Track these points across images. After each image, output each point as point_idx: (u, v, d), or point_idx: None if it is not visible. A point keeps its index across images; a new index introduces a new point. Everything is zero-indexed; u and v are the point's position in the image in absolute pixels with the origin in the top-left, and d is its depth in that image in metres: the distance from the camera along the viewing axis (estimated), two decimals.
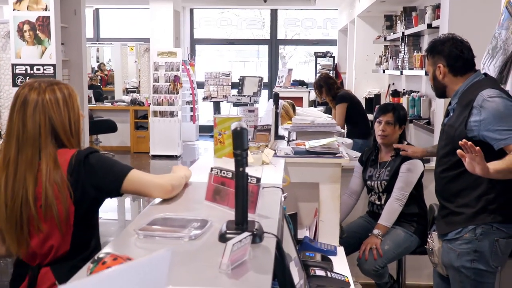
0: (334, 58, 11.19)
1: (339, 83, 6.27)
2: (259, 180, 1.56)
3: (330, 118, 3.81)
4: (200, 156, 9.29)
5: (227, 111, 10.70)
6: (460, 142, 2.17)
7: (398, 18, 6.50)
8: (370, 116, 5.48)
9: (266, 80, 11.93)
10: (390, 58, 6.82)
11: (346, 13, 10.05)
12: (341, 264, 2.49)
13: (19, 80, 5.35)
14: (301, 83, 10.56)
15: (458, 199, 2.49)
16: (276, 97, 3.20)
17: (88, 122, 6.55)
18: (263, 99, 11.13)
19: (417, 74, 5.72)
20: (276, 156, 2.62)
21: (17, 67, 5.36)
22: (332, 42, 11.92)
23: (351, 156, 3.37)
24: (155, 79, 9.64)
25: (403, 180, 3.23)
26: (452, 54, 2.50)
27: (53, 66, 5.33)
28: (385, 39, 7.04)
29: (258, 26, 13.09)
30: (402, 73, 6.16)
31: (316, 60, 11.35)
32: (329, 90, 5.50)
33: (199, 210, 1.64)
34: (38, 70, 5.36)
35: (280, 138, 3.22)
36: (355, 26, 8.77)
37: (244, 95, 9.96)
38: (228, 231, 1.36)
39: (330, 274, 2.18)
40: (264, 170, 1.70)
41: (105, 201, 1.91)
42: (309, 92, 9.80)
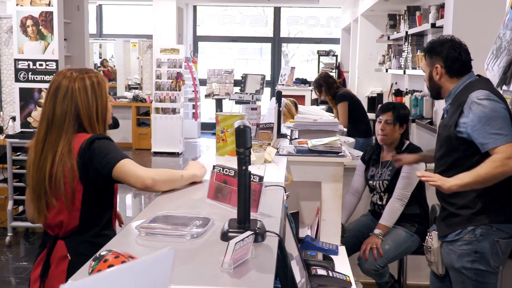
0: (337, 56, 11.17)
1: (341, 81, 6.26)
2: (261, 178, 1.55)
3: (333, 116, 3.80)
4: (202, 154, 9.29)
5: (229, 109, 10.68)
6: (417, 174, 2.42)
7: (401, 17, 6.48)
8: (372, 116, 5.47)
9: (268, 78, 11.91)
10: (393, 57, 6.80)
11: (349, 11, 10.03)
12: (342, 264, 2.49)
13: (21, 75, 5.34)
14: (303, 82, 10.53)
15: (457, 200, 2.49)
16: (278, 95, 3.19)
17: None
18: (266, 97, 11.11)
19: (420, 74, 5.69)
20: (279, 154, 2.61)
21: (19, 62, 5.34)
22: (335, 41, 11.91)
23: (353, 155, 3.37)
24: (157, 75, 9.63)
25: (404, 180, 3.22)
26: (450, 56, 2.52)
27: (55, 61, 5.32)
28: (388, 38, 7.03)
29: (261, 23, 13.08)
30: (405, 72, 6.15)
31: (319, 59, 11.34)
32: (328, 89, 5.50)
33: (201, 208, 1.63)
34: (41, 65, 5.34)
35: (283, 136, 3.22)
36: (358, 25, 8.74)
37: (247, 93, 9.93)
38: (230, 229, 1.35)
39: (331, 274, 2.18)
40: (266, 169, 1.69)
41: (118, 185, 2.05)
42: (311, 90, 9.77)
